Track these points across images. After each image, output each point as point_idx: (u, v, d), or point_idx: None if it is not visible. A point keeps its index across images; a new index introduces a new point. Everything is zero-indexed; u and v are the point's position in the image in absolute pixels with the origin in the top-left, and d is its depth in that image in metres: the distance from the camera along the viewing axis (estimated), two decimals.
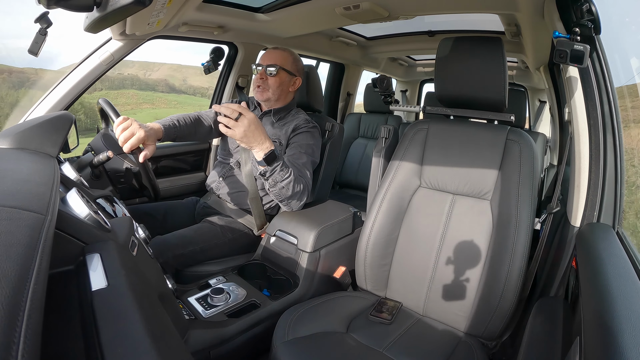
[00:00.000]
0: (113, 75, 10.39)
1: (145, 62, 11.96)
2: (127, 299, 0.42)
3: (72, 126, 1.06)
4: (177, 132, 1.26)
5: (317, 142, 1.31)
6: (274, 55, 1.30)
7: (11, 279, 0.28)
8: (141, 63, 11.72)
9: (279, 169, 1.06)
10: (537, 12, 1.12)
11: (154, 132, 1.12)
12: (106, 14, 0.66)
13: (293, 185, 1.10)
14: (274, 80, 1.28)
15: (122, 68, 11.04)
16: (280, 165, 1.05)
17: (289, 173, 1.08)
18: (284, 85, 1.31)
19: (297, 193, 1.13)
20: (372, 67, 2.99)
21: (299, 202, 1.17)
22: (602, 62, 0.87)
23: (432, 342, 0.93)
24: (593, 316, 0.51)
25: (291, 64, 1.31)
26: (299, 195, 1.15)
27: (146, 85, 12.20)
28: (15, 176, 0.50)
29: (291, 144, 1.28)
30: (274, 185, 1.09)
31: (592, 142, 0.87)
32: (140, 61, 11.83)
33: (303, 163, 1.22)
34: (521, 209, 0.93)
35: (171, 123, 1.24)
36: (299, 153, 1.24)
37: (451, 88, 1.08)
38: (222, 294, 0.99)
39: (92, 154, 1.37)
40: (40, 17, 0.99)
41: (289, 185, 1.09)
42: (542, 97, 3.23)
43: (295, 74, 1.33)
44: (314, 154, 1.28)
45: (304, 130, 1.29)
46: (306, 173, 1.21)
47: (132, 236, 0.68)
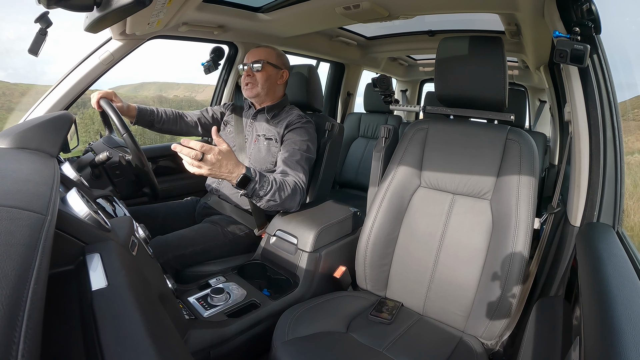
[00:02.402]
0: (170, 97, 10.83)
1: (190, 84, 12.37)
2: (127, 298, 0.42)
3: (72, 126, 1.06)
4: (154, 117, 1.38)
5: (311, 137, 1.31)
6: (258, 52, 1.33)
7: (11, 279, 0.28)
8: (186, 85, 12.07)
9: (258, 186, 1.04)
10: (537, 12, 1.12)
11: (127, 106, 1.30)
12: (106, 14, 0.66)
13: (279, 194, 1.09)
14: (261, 74, 1.31)
15: (167, 90, 11.58)
16: (257, 183, 1.03)
17: (270, 185, 1.07)
18: (271, 78, 1.33)
19: (287, 198, 1.12)
20: (372, 66, 2.99)
21: (292, 203, 1.17)
22: (602, 61, 0.87)
23: (431, 342, 0.93)
24: (593, 316, 0.51)
25: (275, 57, 1.33)
26: (290, 198, 1.14)
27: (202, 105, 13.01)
28: (15, 176, 0.50)
29: (285, 140, 1.28)
30: (260, 200, 1.08)
31: (592, 141, 0.87)
32: (185, 83, 12.22)
33: (297, 161, 1.22)
34: (521, 209, 0.92)
35: (149, 108, 1.37)
36: (292, 150, 1.24)
37: (451, 88, 1.08)
38: (222, 294, 0.99)
39: (92, 154, 1.37)
40: (40, 17, 0.99)
41: (274, 195, 1.08)
42: (542, 97, 3.23)
43: (281, 67, 1.35)
44: (309, 149, 1.28)
45: (298, 126, 1.29)
46: (299, 171, 1.21)
47: (132, 236, 0.68)
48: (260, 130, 1.35)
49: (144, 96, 11.41)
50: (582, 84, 0.87)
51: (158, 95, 11.43)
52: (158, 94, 11.64)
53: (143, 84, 13.23)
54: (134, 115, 1.33)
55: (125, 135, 1.10)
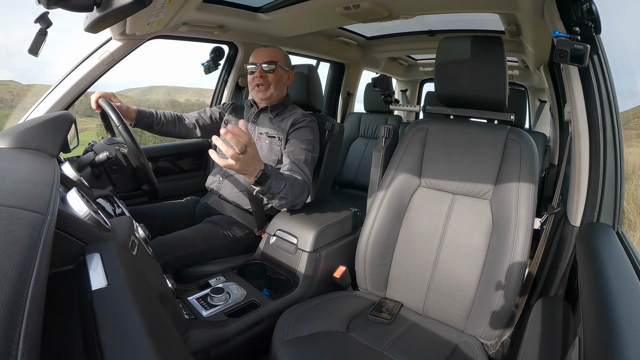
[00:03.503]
0: (182, 101, 10.99)
1: (199, 89, 12.49)
2: (126, 298, 0.42)
3: (72, 126, 1.06)
4: (152, 119, 1.38)
5: (315, 137, 1.32)
6: (268, 53, 1.31)
7: (11, 279, 0.28)
8: (194, 90, 12.18)
9: (275, 183, 1.03)
10: (537, 12, 1.11)
11: (127, 107, 1.31)
12: (106, 14, 0.66)
13: (292, 191, 1.10)
14: (273, 76, 1.30)
15: (176, 94, 11.66)
16: (274, 180, 1.02)
17: (284, 183, 1.07)
18: (282, 79, 1.34)
19: (297, 196, 1.14)
20: (372, 66, 2.99)
21: (299, 200, 1.18)
22: (602, 61, 0.87)
23: (431, 342, 0.93)
24: (593, 316, 0.51)
25: (283, 59, 1.34)
26: (299, 196, 1.16)
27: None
28: (15, 176, 0.50)
29: (290, 139, 1.28)
30: (273, 197, 1.08)
31: (592, 141, 0.87)
32: (193, 87, 12.39)
33: (303, 160, 1.23)
34: (521, 209, 0.92)
35: (148, 110, 1.38)
36: (299, 149, 1.24)
37: (451, 87, 1.08)
38: (222, 294, 0.99)
39: (92, 153, 1.37)
40: (40, 17, 0.99)
41: (287, 193, 1.09)
42: (542, 97, 3.23)
43: (289, 68, 1.36)
44: (314, 149, 1.29)
45: (303, 125, 1.30)
46: (305, 170, 1.21)
47: (132, 236, 0.68)
48: (263, 129, 1.35)
49: (155, 100, 11.51)
50: (582, 84, 0.87)
51: (170, 100, 11.56)
52: (170, 98, 11.78)
53: (152, 87, 13.39)
54: (133, 117, 1.34)
55: (120, 128, 1.10)
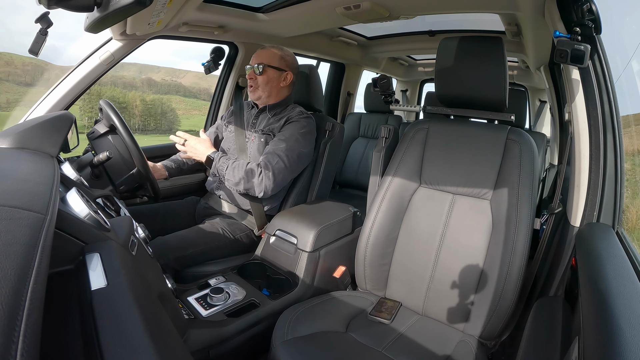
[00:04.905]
0: (158, 81, 10.85)
1: (171, 69, 12.36)
2: (126, 298, 0.42)
3: (72, 126, 1.06)
4: (179, 163, 1.46)
5: (307, 131, 1.32)
6: (261, 54, 1.33)
7: (11, 278, 0.28)
8: (167, 69, 12.06)
9: (218, 165, 1.23)
10: (537, 12, 1.11)
11: (153, 166, 1.36)
12: (107, 14, 0.66)
13: (233, 174, 1.20)
14: (262, 78, 1.32)
15: (148, 72, 11.43)
16: (217, 163, 1.23)
17: (226, 166, 1.22)
18: (272, 81, 1.33)
19: (242, 179, 1.20)
20: (373, 66, 2.99)
21: (250, 187, 1.21)
22: (602, 62, 0.87)
23: (431, 342, 0.93)
24: (592, 316, 0.51)
25: (278, 60, 1.33)
26: (246, 180, 1.20)
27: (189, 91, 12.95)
28: (15, 176, 0.50)
29: (278, 133, 1.30)
30: (223, 178, 1.23)
31: (592, 142, 0.87)
32: (166, 67, 12.18)
33: (281, 148, 1.24)
34: (521, 209, 0.93)
35: (167, 162, 1.46)
36: (277, 140, 1.27)
37: (451, 88, 1.08)
38: (222, 294, 0.99)
39: (92, 153, 1.37)
40: (41, 17, 0.99)
41: (230, 175, 1.21)
42: (543, 97, 3.23)
43: (285, 69, 1.35)
44: (299, 142, 1.28)
45: (294, 121, 1.31)
46: (274, 159, 1.23)
47: (131, 236, 0.68)
48: (260, 128, 1.36)
49: (130, 77, 11.31)
50: (582, 84, 0.87)
51: (147, 78, 11.44)
52: (146, 77, 11.64)
53: (123, 64, 13.45)
54: (164, 173, 1.39)
55: (122, 131, 1.10)
